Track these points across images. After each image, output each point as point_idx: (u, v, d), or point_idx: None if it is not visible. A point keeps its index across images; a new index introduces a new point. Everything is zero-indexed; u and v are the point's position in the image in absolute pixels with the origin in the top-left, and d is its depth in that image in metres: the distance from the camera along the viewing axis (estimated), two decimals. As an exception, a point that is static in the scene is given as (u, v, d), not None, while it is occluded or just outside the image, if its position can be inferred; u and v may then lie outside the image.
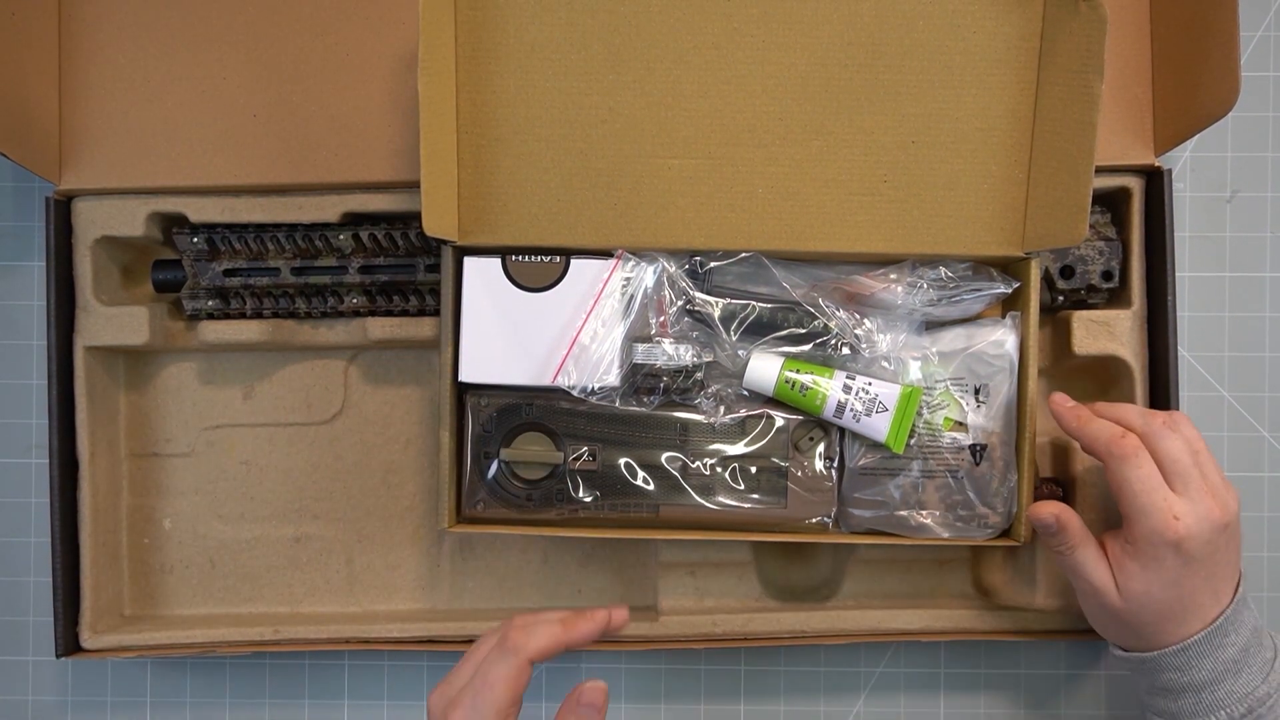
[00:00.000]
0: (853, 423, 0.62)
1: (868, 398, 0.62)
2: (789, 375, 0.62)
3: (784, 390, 0.62)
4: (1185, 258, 0.73)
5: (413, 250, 0.68)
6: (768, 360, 0.63)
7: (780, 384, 0.62)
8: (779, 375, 0.62)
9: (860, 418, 0.62)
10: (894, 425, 0.62)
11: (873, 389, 0.62)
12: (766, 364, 0.63)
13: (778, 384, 0.62)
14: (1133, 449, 0.56)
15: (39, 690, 0.74)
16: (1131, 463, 0.55)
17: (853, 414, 0.62)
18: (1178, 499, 0.55)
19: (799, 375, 0.62)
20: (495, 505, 0.64)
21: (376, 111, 0.68)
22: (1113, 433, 0.57)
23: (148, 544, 0.72)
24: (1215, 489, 0.56)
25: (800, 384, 0.62)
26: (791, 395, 0.62)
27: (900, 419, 0.62)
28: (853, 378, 0.62)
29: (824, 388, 0.62)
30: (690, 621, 0.69)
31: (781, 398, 0.63)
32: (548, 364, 0.63)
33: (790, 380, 0.62)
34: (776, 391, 0.63)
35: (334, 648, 0.69)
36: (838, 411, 0.62)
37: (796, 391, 0.62)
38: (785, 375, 0.62)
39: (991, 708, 0.72)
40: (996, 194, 0.63)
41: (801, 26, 0.62)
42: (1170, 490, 0.55)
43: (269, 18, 0.68)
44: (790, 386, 0.62)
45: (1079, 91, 0.59)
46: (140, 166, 0.68)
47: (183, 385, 0.72)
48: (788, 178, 0.63)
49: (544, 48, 0.62)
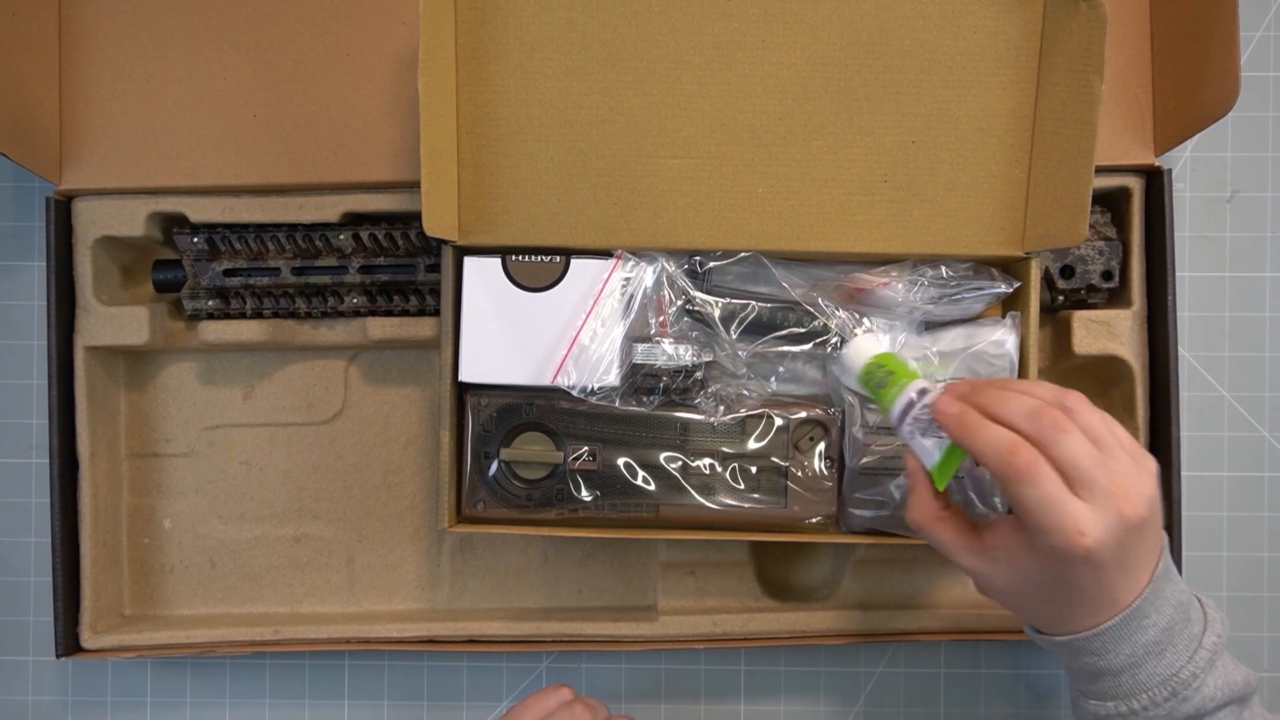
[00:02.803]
0: (908, 435, 0.56)
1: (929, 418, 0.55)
2: (878, 363, 0.58)
3: (866, 375, 0.59)
4: (1185, 258, 0.73)
5: (413, 250, 0.68)
6: (870, 341, 0.60)
7: (866, 368, 0.59)
8: (869, 360, 0.59)
9: (916, 434, 0.56)
10: (946, 456, 0.55)
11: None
12: (867, 344, 0.60)
13: (864, 368, 0.59)
14: (1025, 466, 0.49)
15: (39, 690, 0.74)
16: (1026, 481, 0.48)
17: (913, 425, 0.56)
18: (1083, 509, 0.48)
19: (886, 367, 0.58)
20: (495, 505, 0.64)
21: (376, 111, 0.68)
22: (1002, 447, 0.49)
23: (148, 544, 0.72)
24: (1124, 479, 0.49)
25: (882, 376, 0.58)
26: (870, 384, 0.59)
27: (954, 450, 0.54)
28: (928, 390, 0.56)
29: (899, 386, 0.57)
30: (690, 621, 0.69)
31: (862, 382, 0.60)
32: (548, 364, 0.63)
33: (876, 367, 0.58)
34: (860, 375, 0.59)
35: (334, 648, 0.69)
36: (901, 415, 0.56)
37: (874, 382, 0.58)
38: (876, 361, 0.58)
39: (991, 708, 0.72)
40: (996, 194, 0.63)
41: (802, 26, 0.62)
42: (1074, 498, 0.48)
43: (269, 18, 0.68)
44: (872, 374, 0.58)
45: (1079, 91, 0.59)
46: (140, 166, 0.68)
47: (183, 385, 0.72)
48: (788, 177, 0.63)
49: (544, 48, 0.62)
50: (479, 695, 0.73)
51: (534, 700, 0.59)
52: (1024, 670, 0.72)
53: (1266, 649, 0.72)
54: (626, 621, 0.69)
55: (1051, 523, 0.48)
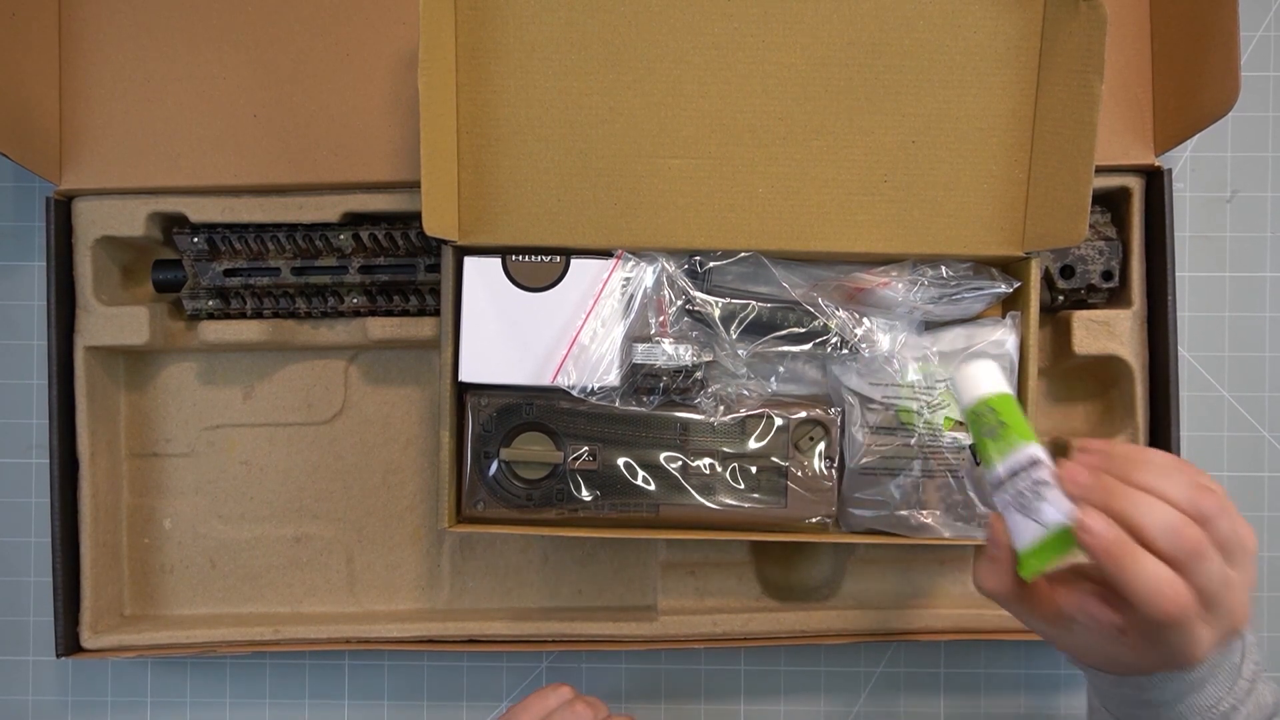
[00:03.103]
0: (1004, 505, 0.50)
1: (1036, 495, 0.49)
2: (993, 407, 0.51)
3: (975, 415, 0.52)
4: (1185, 258, 0.73)
5: (413, 250, 0.68)
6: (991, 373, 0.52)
7: (977, 407, 0.52)
8: (984, 398, 0.51)
9: (1014, 507, 0.49)
10: (1044, 547, 0.49)
11: (1050, 494, 0.49)
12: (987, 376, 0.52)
13: (977, 403, 0.52)
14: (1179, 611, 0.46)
15: (39, 690, 0.74)
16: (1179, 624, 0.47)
17: (1014, 497, 0.49)
18: (1206, 633, 0.48)
19: (1000, 415, 0.51)
20: (495, 505, 0.64)
21: (376, 111, 0.68)
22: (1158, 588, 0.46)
23: (148, 544, 0.72)
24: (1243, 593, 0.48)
25: (995, 424, 0.51)
26: (977, 425, 0.52)
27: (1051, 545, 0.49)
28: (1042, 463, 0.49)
29: (1011, 445, 0.50)
30: (690, 621, 0.69)
31: (968, 419, 0.53)
32: (548, 364, 0.63)
33: (989, 411, 0.51)
34: (968, 410, 0.52)
35: (334, 648, 0.69)
36: (1003, 480, 0.50)
37: (982, 426, 0.51)
38: (990, 404, 0.51)
39: (991, 708, 0.72)
40: (996, 194, 0.63)
41: (802, 26, 0.62)
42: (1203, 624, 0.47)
43: (269, 18, 0.68)
44: (982, 416, 0.51)
45: (1079, 91, 0.59)
46: (140, 166, 0.68)
47: (183, 385, 0.72)
48: (788, 177, 0.63)
49: (544, 48, 0.62)
50: (479, 695, 0.73)
51: (534, 699, 0.59)
52: (1024, 670, 0.72)
53: (1267, 648, 0.72)
54: (626, 621, 0.69)
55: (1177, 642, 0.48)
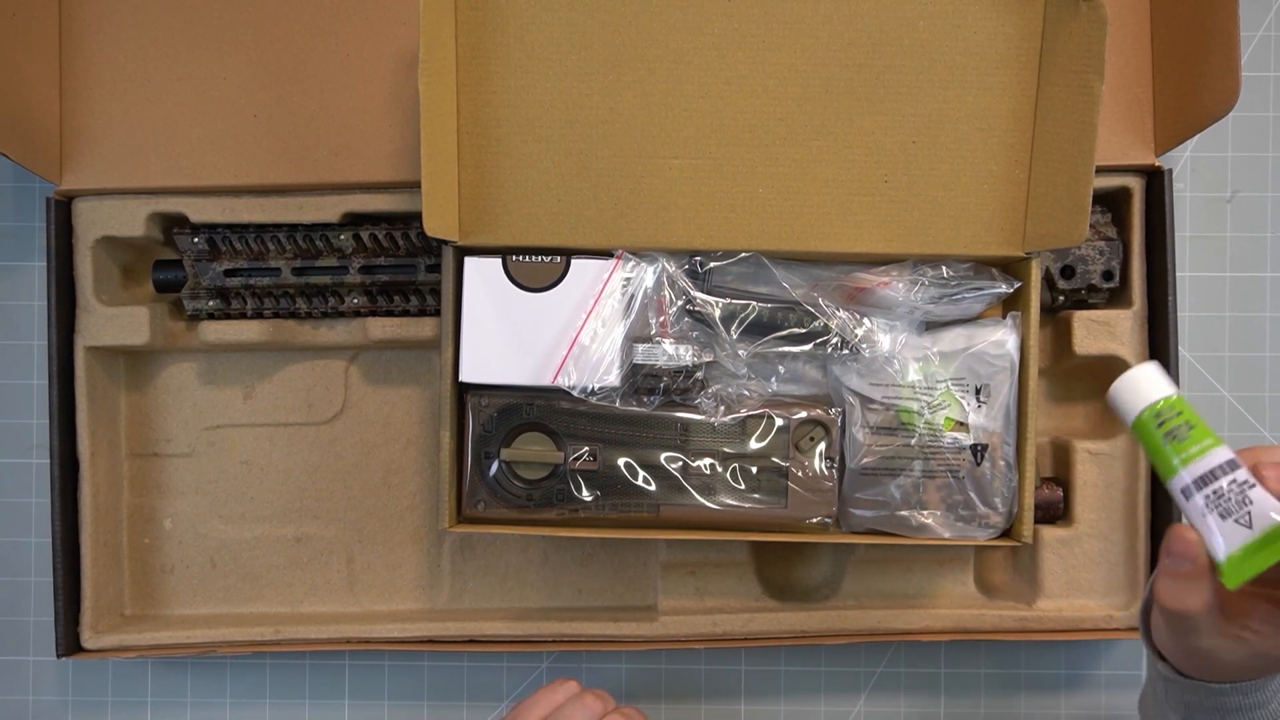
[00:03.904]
0: (1199, 512, 0.47)
1: (1240, 497, 0.46)
2: (1174, 408, 0.49)
3: (1154, 417, 0.49)
4: (1185, 258, 0.73)
5: (413, 250, 0.68)
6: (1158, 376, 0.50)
7: (1155, 408, 0.49)
8: (1162, 400, 0.49)
9: (1210, 513, 0.47)
10: (1246, 551, 0.46)
11: (1255, 496, 0.46)
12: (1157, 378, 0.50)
13: (1152, 408, 0.49)
14: None
15: (39, 690, 0.74)
16: None
17: (1210, 499, 0.47)
18: None
19: (1178, 415, 0.48)
20: (495, 505, 0.64)
21: (376, 111, 0.68)
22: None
23: (148, 544, 0.72)
24: None
25: (1178, 426, 0.48)
26: (1157, 429, 0.49)
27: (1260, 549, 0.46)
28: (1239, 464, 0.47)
29: (1202, 447, 0.47)
30: (690, 621, 0.69)
31: (1143, 425, 0.49)
32: (548, 364, 0.63)
33: (1171, 412, 0.49)
34: (1144, 415, 0.49)
35: (334, 648, 0.69)
36: (1196, 485, 0.47)
37: (1161, 430, 0.48)
38: (1170, 403, 0.49)
39: (991, 708, 0.72)
40: (996, 194, 0.63)
41: (802, 27, 0.62)
42: None
43: (269, 18, 0.68)
44: (1160, 421, 0.49)
45: (1079, 91, 0.59)
46: (140, 166, 0.68)
47: (183, 385, 0.72)
48: (788, 178, 0.63)
49: (544, 48, 0.62)
50: (479, 695, 0.73)
51: (542, 694, 0.59)
52: (1024, 670, 0.72)
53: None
54: (626, 621, 0.69)
55: None
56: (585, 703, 0.58)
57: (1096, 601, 0.68)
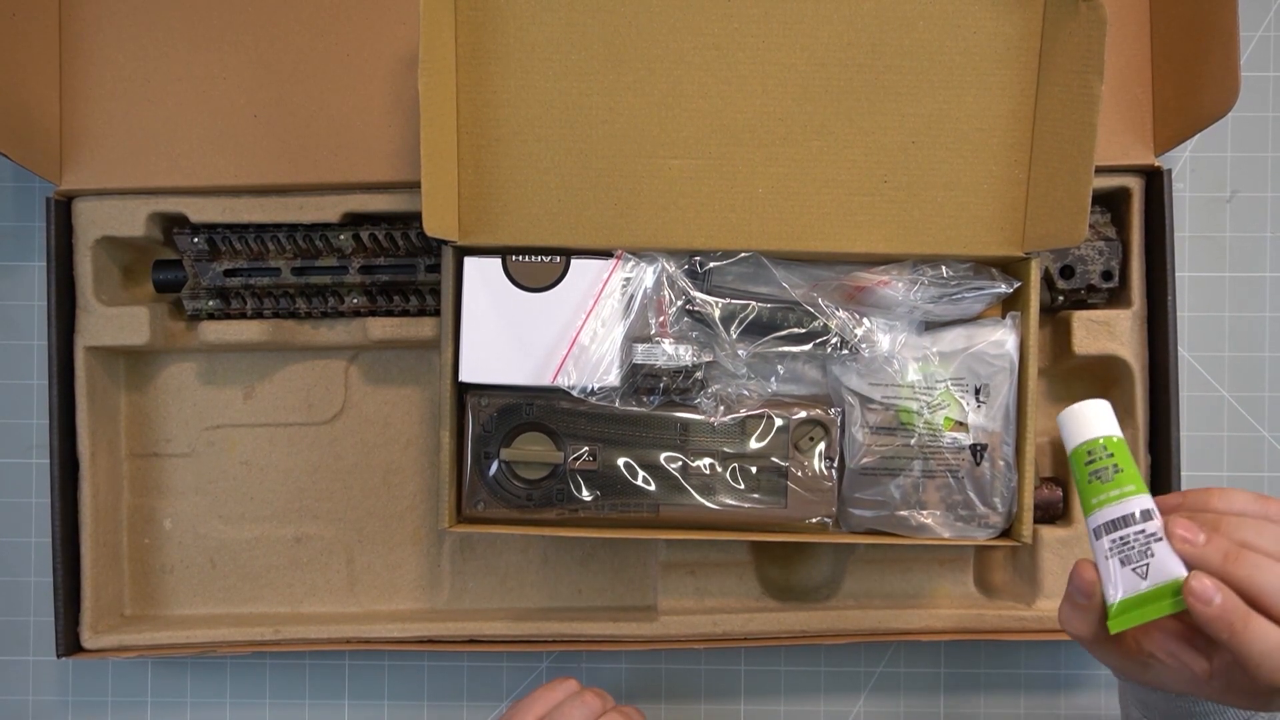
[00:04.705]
0: (1103, 553, 0.49)
1: (1144, 548, 0.48)
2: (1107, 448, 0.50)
3: (1086, 452, 0.51)
4: (1185, 258, 0.73)
5: (413, 250, 0.68)
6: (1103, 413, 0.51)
7: (1089, 445, 0.51)
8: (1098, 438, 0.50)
9: (1114, 556, 0.49)
10: (1136, 600, 0.48)
11: (1158, 550, 0.48)
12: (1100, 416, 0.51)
13: (1087, 444, 0.51)
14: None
15: (39, 690, 0.74)
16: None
17: (1115, 544, 0.49)
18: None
19: (1109, 457, 0.50)
20: (495, 505, 0.64)
21: (376, 111, 0.68)
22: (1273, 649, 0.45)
23: (148, 544, 0.72)
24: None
25: (1105, 466, 0.50)
26: (1086, 465, 0.51)
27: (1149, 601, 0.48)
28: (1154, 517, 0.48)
29: (1124, 491, 0.49)
30: (690, 621, 0.69)
31: (1076, 457, 0.51)
32: (548, 364, 0.63)
33: (1103, 452, 0.50)
34: (1080, 447, 0.51)
35: (334, 648, 0.69)
36: (1105, 528, 0.49)
37: (1088, 468, 0.50)
38: (1105, 443, 0.50)
39: (991, 708, 0.72)
40: (996, 194, 0.63)
41: (802, 27, 0.62)
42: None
43: (269, 18, 0.68)
44: (1090, 459, 0.50)
45: (1079, 91, 0.59)
46: (140, 166, 0.68)
47: (183, 385, 0.72)
48: (788, 178, 0.63)
49: (544, 48, 0.62)
50: (479, 695, 0.73)
51: (541, 693, 0.59)
52: (1024, 670, 0.72)
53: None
54: (626, 621, 0.69)
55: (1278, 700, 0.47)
56: (584, 700, 0.58)
57: (1096, 601, 0.68)
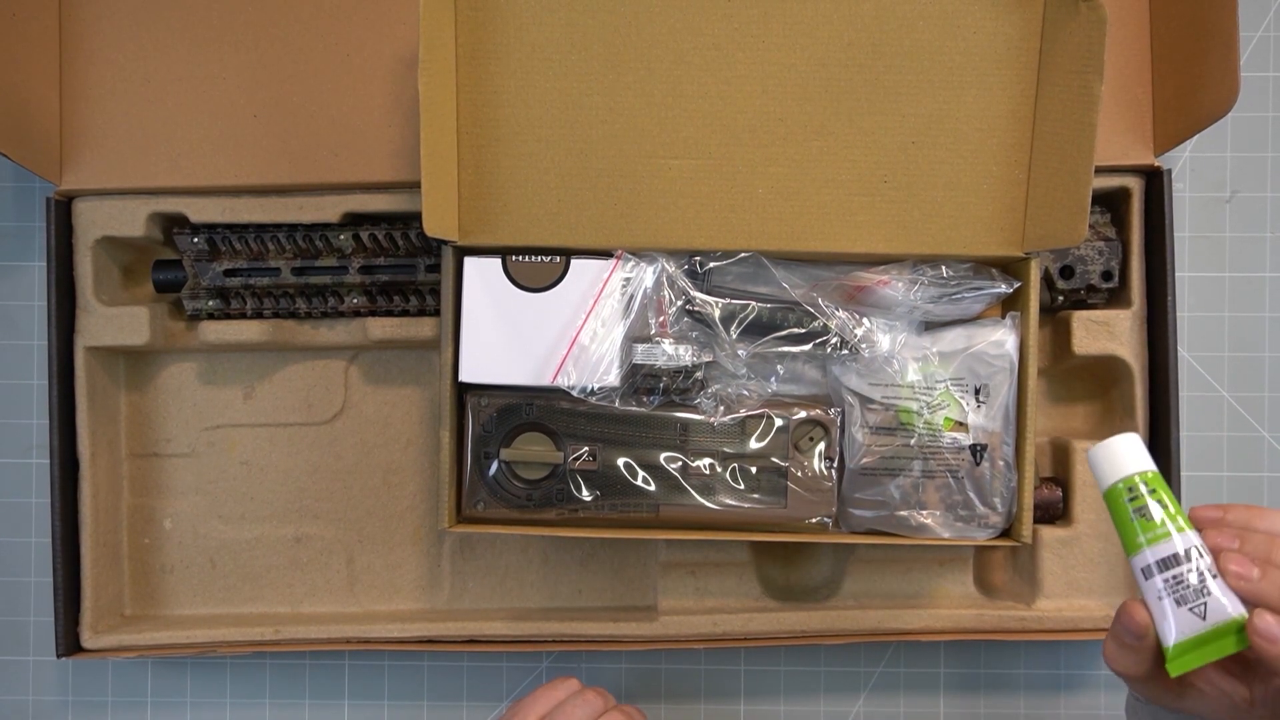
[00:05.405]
0: (1156, 593, 0.47)
1: (1200, 586, 0.46)
2: (1150, 485, 0.49)
3: (1126, 491, 0.49)
4: (1185, 258, 0.73)
5: (413, 250, 0.68)
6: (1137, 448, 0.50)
7: (1128, 481, 0.49)
8: (1137, 474, 0.49)
9: (1168, 596, 0.47)
10: (1195, 641, 0.46)
11: (1213, 587, 0.46)
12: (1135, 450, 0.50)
13: (1130, 479, 0.49)
14: None
15: (39, 690, 0.74)
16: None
17: (1169, 584, 0.47)
18: None
19: (1150, 496, 0.48)
20: (495, 505, 0.64)
21: (376, 111, 0.68)
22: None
23: (148, 544, 0.72)
24: None
25: (1147, 504, 0.48)
26: (1126, 503, 0.49)
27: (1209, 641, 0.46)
28: (1204, 553, 0.47)
29: (1167, 530, 0.47)
30: (690, 621, 0.69)
31: (1115, 495, 0.49)
32: (548, 364, 0.63)
33: (1145, 490, 0.48)
34: (1118, 484, 0.49)
35: (334, 648, 0.69)
36: (1158, 566, 0.47)
37: (1129, 507, 0.49)
38: (1145, 479, 0.49)
39: (991, 708, 0.72)
40: (996, 194, 0.63)
41: (802, 27, 0.62)
42: None
43: (269, 18, 0.68)
44: (1131, 496, 0.49)
45: (1079, 91, 0.59)
46: (140, 166, 0.68)
47: (183, 385, 0.72)
48: (788, 178, 0.63)
49: (544, 48, 0.62)
50: (479, 695, 0.73)
51: (543, 692, 0.59)
52: (1024, 670, 0.72)
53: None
54: (626, 621, 0.69)
55: None
56: (585, 699, 0.58)
57: (1096, 601, 0.68)
